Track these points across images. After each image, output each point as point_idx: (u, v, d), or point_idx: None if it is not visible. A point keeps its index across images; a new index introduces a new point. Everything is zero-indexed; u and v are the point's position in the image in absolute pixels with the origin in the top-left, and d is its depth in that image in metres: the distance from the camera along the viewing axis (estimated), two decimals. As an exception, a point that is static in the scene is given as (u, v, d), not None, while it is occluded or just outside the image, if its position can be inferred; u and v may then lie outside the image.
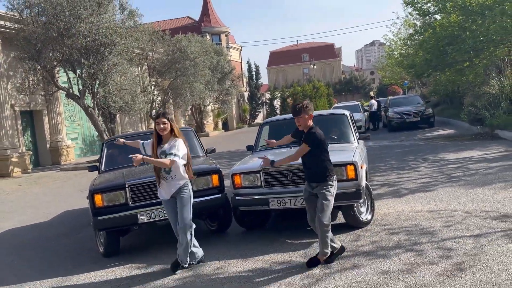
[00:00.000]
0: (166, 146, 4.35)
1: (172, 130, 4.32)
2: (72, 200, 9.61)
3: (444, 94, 23.36)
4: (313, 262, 4.09)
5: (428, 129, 17.59)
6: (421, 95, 23.84)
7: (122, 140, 4.96)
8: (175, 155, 4.20)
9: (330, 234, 4.10)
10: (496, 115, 12.87)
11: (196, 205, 5.04)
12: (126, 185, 4.91)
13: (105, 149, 6.28)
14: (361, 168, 4.87)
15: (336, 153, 4.88)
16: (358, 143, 5.85)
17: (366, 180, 5.24)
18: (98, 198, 4.88)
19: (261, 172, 5.02)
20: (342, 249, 4.28)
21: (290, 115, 7.71)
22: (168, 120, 4.32)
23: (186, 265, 4.41)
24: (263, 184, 5.03)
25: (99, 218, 4.86)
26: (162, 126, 4.29)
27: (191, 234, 4.37)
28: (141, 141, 4.67)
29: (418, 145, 12.71)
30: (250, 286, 3.85)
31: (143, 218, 4.87)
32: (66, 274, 4.77)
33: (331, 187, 4.11)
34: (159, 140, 4.36)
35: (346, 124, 5.92)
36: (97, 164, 6.34)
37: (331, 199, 4.10)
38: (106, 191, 4.94)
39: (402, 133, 16.95)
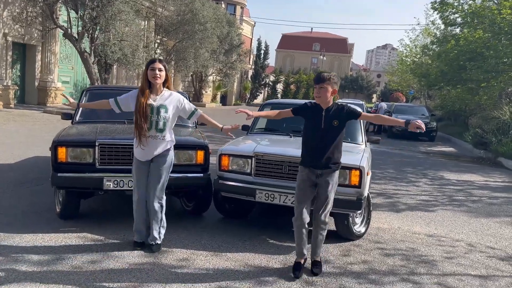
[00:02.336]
0: (158, 98, 3.70)
1: (165, 80, 3.71)
2: (46, 146, 8.80)
3: (450, 110, 22.77)
4: (297, 274, 3.55)
5: (429, 142, 17.08)
6: (426, 107, 23.23)
7: (72, 102, 4.07)
8: (196, 109, 3.87)
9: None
10: (503, 142, 12.33)
11: (173, 181, 4.39)
12: (96, 143, 4.23)
13: (85, 98, 5.56)
14: (367, 175, 4.25)
15: (345, 154, 4.23)
16: (366, 146, 5.22)
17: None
18: (61, 152, 4.20)
19: (253, 158, 4.37)
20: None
21: (295, 100, 7.09)
22: (165, 68, 3.68)
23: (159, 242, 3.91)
24: (253, 172, 4.38)
25: (59, 174, 4.19)
26: (158, 73, 3.63)
27: (162, 206, 3.83)
28: (110, 99, 3.80)
29: (417, 158, 12.17)
30: (216, 289, 3.24)
31: (109, 184, 4.20)
32: (10, 231, 4.12)
33: (336, 179, 3.55)
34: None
35: (357, 123, 5.27)
36: (73, 112, 5.63)
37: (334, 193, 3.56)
38: (72, 146, 4.25)
39: (402, 141, 16.40)
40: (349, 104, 3.63)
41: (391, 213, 5.81)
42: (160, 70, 3.63)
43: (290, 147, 4.47)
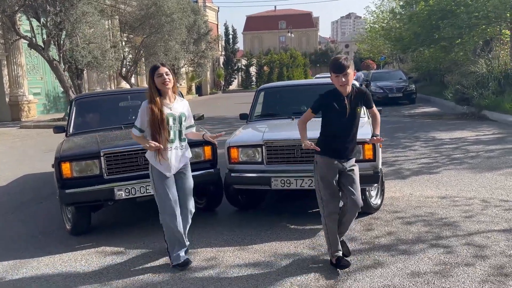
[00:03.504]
0: (175, 105, 3.42)
1: (173, 84, 3.44)
2: (33, 162, 8.60)
3: (425, 71, 23.07)
4: (345, 263, 3.34)
5: (410, 105, 17.27)
6: (402, 71, 23.47)
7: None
8: (193, 125, 3.68)
9: None
10: (484, 96, 12.56)
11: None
12: (101, 154, 4.07)
13: (74, 108, 5.34)
14: (379, 147, 4.23)
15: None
16: (369, 118, 5.19)
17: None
18: (66, 168, 4.03)
19: (263, 147, 4.29)
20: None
21: (289, 82, 6.99)
22: (170, 71, 3.41)
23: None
24: (265, 160, 4.31)
25: (67, 191, 4.02)
26: (166, 77, 3.35)
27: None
28: (133, 130, 3.44)
29: (404, 122, 12.29)
30: (254, 285, 3.18)
31: (120, 194, 4.06)
32: (26, 256, 3.96)
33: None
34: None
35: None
36: (64, 124, 5.41)
37: None
38: (76, 159, 4.07)
39: (384, 108, 16.46)
40: (363, 87, 3.53)
41: (399, 181, 5.84)
42: (167, 74, 3.36)
43: (298, 130, 4.39)
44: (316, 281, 3.18)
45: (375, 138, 3.34)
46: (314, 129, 3.47)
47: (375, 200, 4.62)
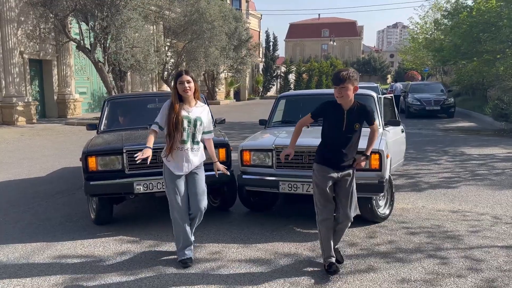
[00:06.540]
0: (193, 110, 3.65)
1: (195, 91, 3.66)
2: (72, 157, 9.22)
3: (467, 84, 22.38)
4: (335, 268, 3.42)
5: (448, 119, 16.88)
6: (442, 84, 22.90)
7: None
8: (212, 130, 3.86)
9: None
10: (524, 112, 12.14)
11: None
12: (124, 150, 4.44)
13: (107, 108, 5.78)
14: (387, 157, 4.35)
15: (361, 138, 4.33)
16: (384, 130, 5.29)
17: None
18: (92, 161, 4.43)
19: (273, 151, 4.51)
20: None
21: (309, 91, 7.19)
22: (192, 78, 3.63)
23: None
24: (274, 164, 4.53)
25: (92, 183, 4.42)
26: (187, 85, 3.57)
27: None
28: (154, 126, 3.69)
29: (437, 136, 12.10)
30: (250, 279, 3.41)
31: (139, 188, 4.41)
32: (51, 240, 4.38)
33: (354, 171, 3.54)
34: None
35: (373, 107, 5.33)
36: (97, 123, 5.87)
37: None
38: (101, 155, 4.47)
39: (421, 121, 16.26)
40: (366, 104, 3.51)
41: (414, 193, 5.87)
42: (188, 82, 3.56)
43: (309, 137, 4.57)
44: (308, 280, 3.36)
45: (361, 159, 3.47)
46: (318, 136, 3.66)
47: (383, 210, 4.71)
